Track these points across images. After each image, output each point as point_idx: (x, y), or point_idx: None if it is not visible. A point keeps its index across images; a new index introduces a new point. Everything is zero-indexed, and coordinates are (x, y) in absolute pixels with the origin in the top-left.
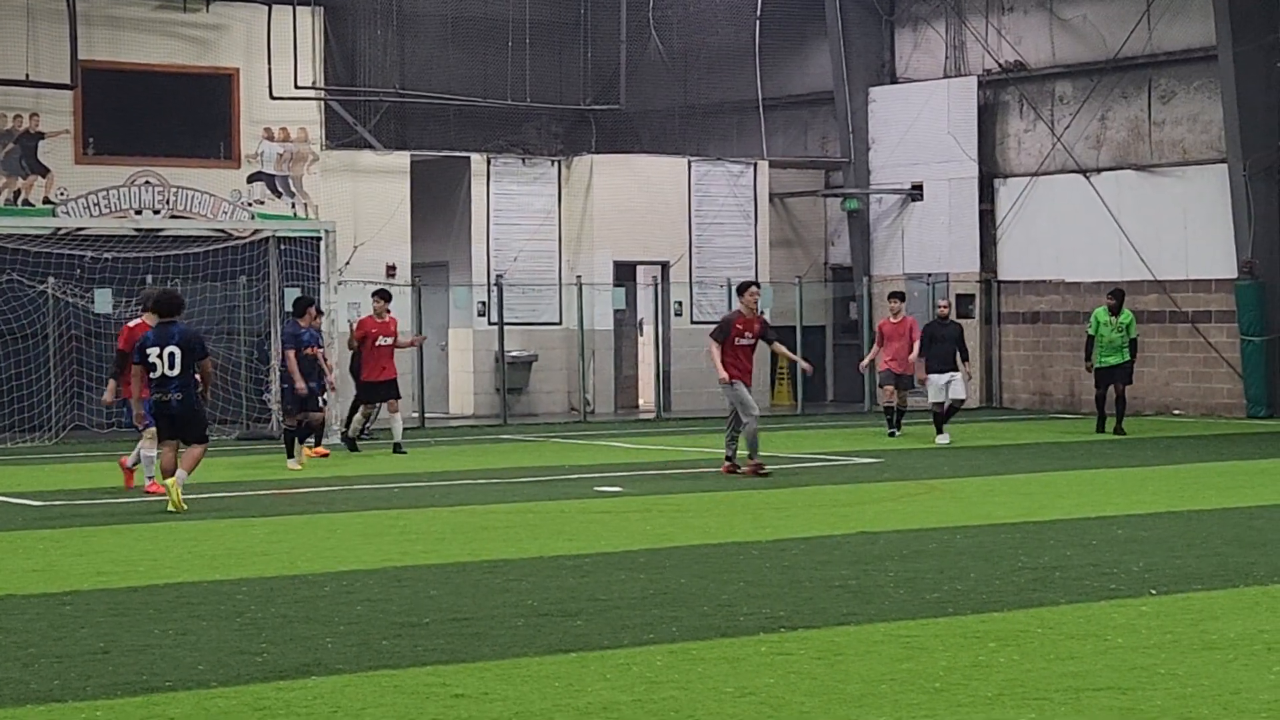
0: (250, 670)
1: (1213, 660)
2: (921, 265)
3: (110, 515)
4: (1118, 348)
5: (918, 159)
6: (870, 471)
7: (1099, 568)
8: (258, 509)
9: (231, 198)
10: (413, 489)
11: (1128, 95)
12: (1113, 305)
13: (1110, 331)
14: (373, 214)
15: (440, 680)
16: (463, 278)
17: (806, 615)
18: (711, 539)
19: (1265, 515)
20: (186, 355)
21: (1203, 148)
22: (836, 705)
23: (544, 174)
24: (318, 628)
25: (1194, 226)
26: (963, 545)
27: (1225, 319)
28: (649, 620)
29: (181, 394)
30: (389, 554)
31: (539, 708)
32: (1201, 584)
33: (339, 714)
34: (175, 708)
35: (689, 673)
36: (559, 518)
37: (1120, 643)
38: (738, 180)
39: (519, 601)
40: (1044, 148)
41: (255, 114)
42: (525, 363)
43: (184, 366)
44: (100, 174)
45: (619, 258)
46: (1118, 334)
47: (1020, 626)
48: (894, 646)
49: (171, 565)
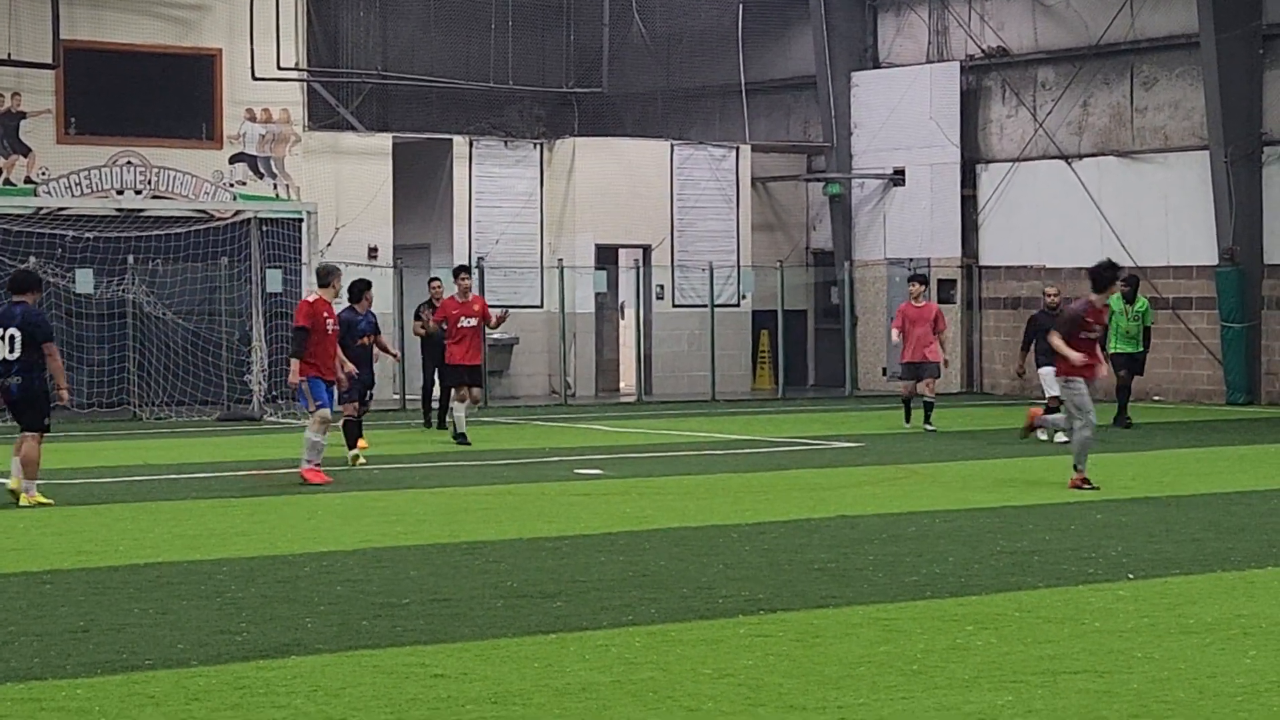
0: (230, 650)
1: (1189, 644)
2: (903, 250)
3: (90, 495)
4: (1133, 336)
5: (900, 144)
6: (850, 455)
7: (1077, 552)
8: (238, 489)
9: (213, 178)
10: (393, 470)
11: (1110, 81)
12: (1126, 292)
13: (1125, 320)
14: (355, 196)
15: (420, 660)
16: (444, 260)
17: (786, 598)
18: (691, 521)
19: (1243, 501)
20: (28, 338)
21: (1184, 134)
22: (815, 687)
23: (526, 156)
24: (298, 608)
25: (1175, 213)
26: (942, 529)
27: (1206, 305)
28: (628, 602)
29: (21, 378)
30: (369, 535)
31: (518, 688)
32: (1179, 569)
33: (318, 693)
34: (155, 686)
35: (668, 654)
36: (539, 500)
37: (1097, 626)
38: (720, 164)
39: (499, 583)
40: (1026, 133)
41: (237, 95)
42: (506, 345)
43: (24, 349)
44: (82, 154)
45: (600, 241)
46: (1133, 322)
47: (998, 610)
48: (872, 629)
49: (152, 545)
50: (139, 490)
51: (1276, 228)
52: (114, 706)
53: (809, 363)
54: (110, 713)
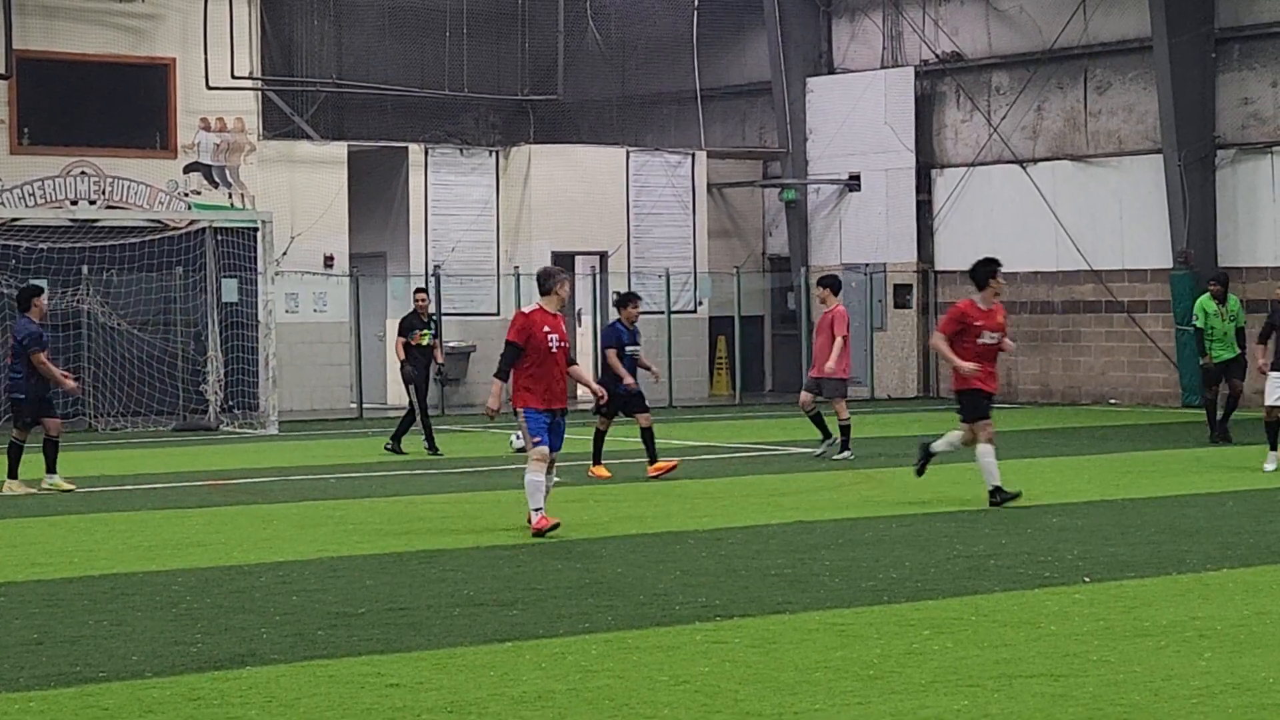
0: (185, 660)
1: (1145, 647)
2: (859, 255)
3: (44, 506)
4: (1230, 340)
5: (855, 149)
6: (807, 461)
7: (1034, 556)
8: (194, 500)
9: (168, 188)
10: (349, 479)
11: (1064, 86)
12: (1217, 291)
13: (1222, 322)
14: (310, 204)
15: (375, 670)
16: (400, 268)
17: (742, 604)
18: (648, 528)
19: (1198, 504)
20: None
21: (1138, 138)
22: (771, 693)
23: (482, 164)
24: (253, 618)
25: (1129, 217)
26: (898, 534)
27: (1161, 309)
28: (584, 609)
29: None
30: (325, 544)
31: (474, 697)
32: (1135, 572)
33: (273, 704)
34: (109, 698)
35: (624, 661)
36: (495, 508)
37: (1053, 630)
38: (676, 170)
39: (455, 591)
40: (981, 138)
41: (191, 104)
42: (463, 353)
43: None
44: (35, 164)
45: (557, 248)
46: (1229, 323)
47: (954, 614)
48: (829, 635)
49: (106, 556)
50: (94, 501)
51: (1230, 231)
52: (68, 719)
53: (766, 368)
54: None
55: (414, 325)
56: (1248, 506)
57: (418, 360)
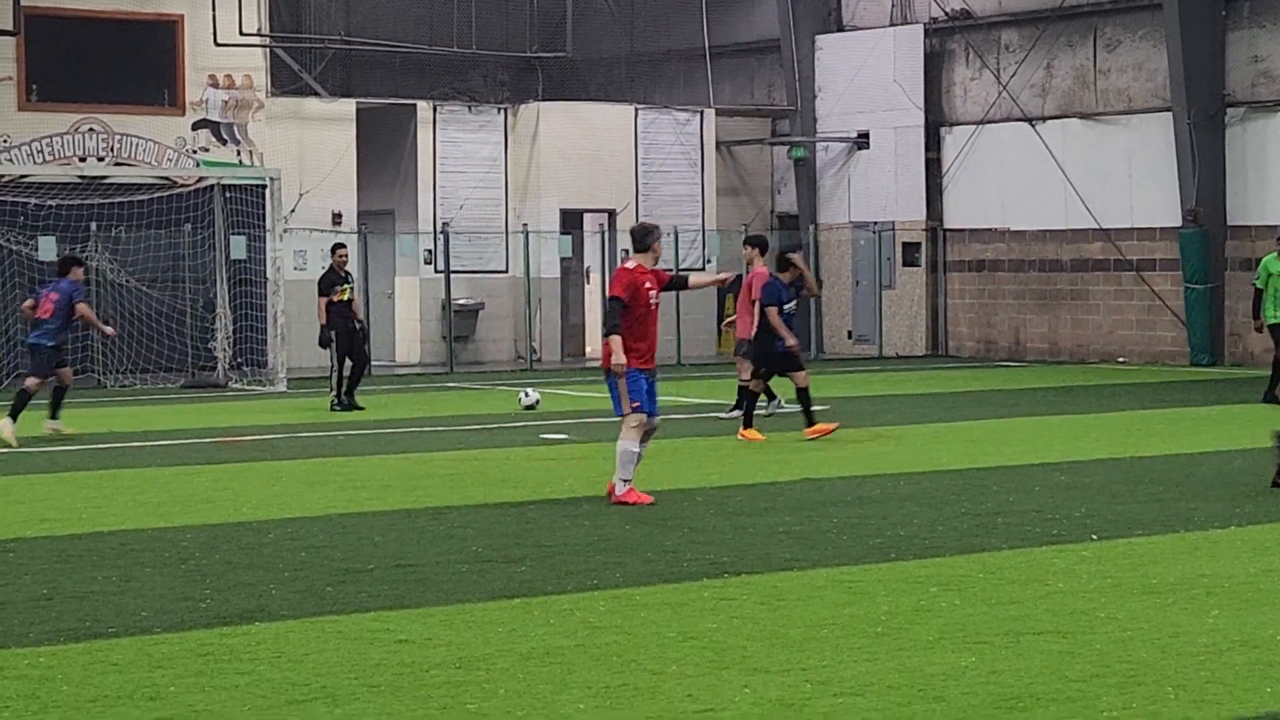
0: (193, 616)
1: (1152, 604)
2: (867, 213)
3: (54, 463)
4: None
5: (864, 107)
6: (816, 418)
7: (1041, 513)
8: (202, 456)
9: (176, 145)
10: (358, 436)
11: (1073, 43)
12: None
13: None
14: (318, 162)
15: (384, 626)
16: (409, 226)
17: (750, 561)
18: (657, 485)
19: (1206, 462)
20: None
21: (1148, 96)
22: (779, 649)
23: (490, 121)
24: (261, 574)
25: (1139, 175)
26: (906, 491)
27: (1169, 267)
28: (593, 566)
29: None
30: (334, 501)
31: (482, 653)
32: (1143, 529)
33: (282, 659)
34: (118, 653)
35: (632, 618)
36: (504, 465)
37: (1061, 587)
38: (684, 128)
39: (463, 548)
40: (990, 96)
41: (200, 61)
42: (471, 311)
43: None
44: (44, 121)
45: (565, 205)
46: None
47: (962, 571)
48: (836, 591)
49: (115, 513)
50: (103, 458)
51: (1239, 189)
52: (77, 674)
53: None
54: (73, 680)
55: (334, 282)
56: (1257, 465)
57: (339, 317)
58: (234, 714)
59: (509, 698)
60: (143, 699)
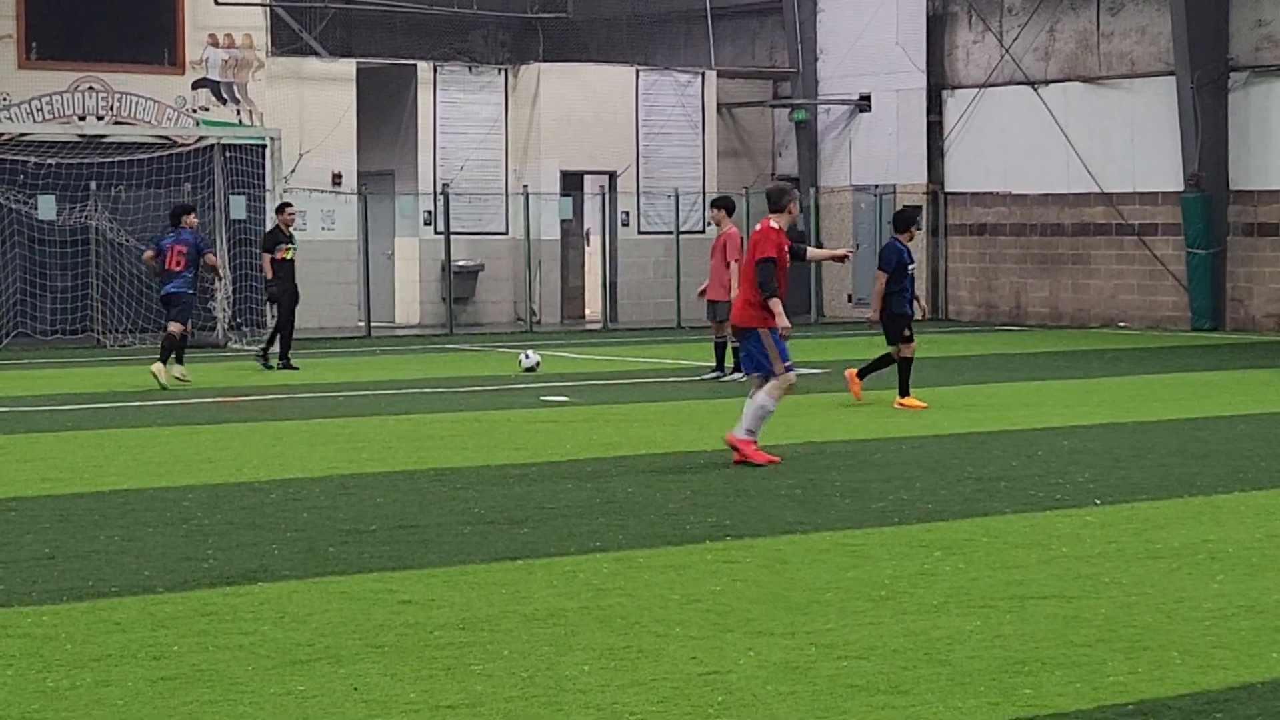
0: (196, 576)
1: (1156, 569)
2: (869, 177)
3: (55, 422)
4: None
5: (866, 70)
6: (816, 382)
7: (1044, 478)
8: (203, 416)
9: (176, 104)
10: (358, 398)
11: (1076, 7)
12: None
13: None
14: (318, 122)
15: (387, 587)
16: (409, 186)
17: (753, 524)
18: (658, 448)
19: (1209, 427)
20: None
21: (1151, 60)
22: (783, 612)
23: (491, 82)
24: (264, 534)
25: (1141, 139)
26: (909, 456)
27: (1171, 231)
28: (595, 528)
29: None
30: (335, 462)
31: (485, 614)
32: (1146, 494)
33: (286, 619)
34: (121, 613)
35: (635, 580)
36: (505, 426)
37: (1065, 552)
38: (685, 90)
39: (466, 509)
40: (992, 59)
41: (200, 20)
42: (471, 272)
43: None
44: (44, 79)
45: (566, 167)
46: None
47: (965, 535)
48: (840, 555)
49: (116, 472)
50: (103, 417)
51: (1242, 154)
52: (80, 633)
53: None
54: (77, 639)
55: (278, 240)
56: (1260, 429)
57: (284, 275)
58: (238, 674)
59: (514, 659)
60: (146, 658)
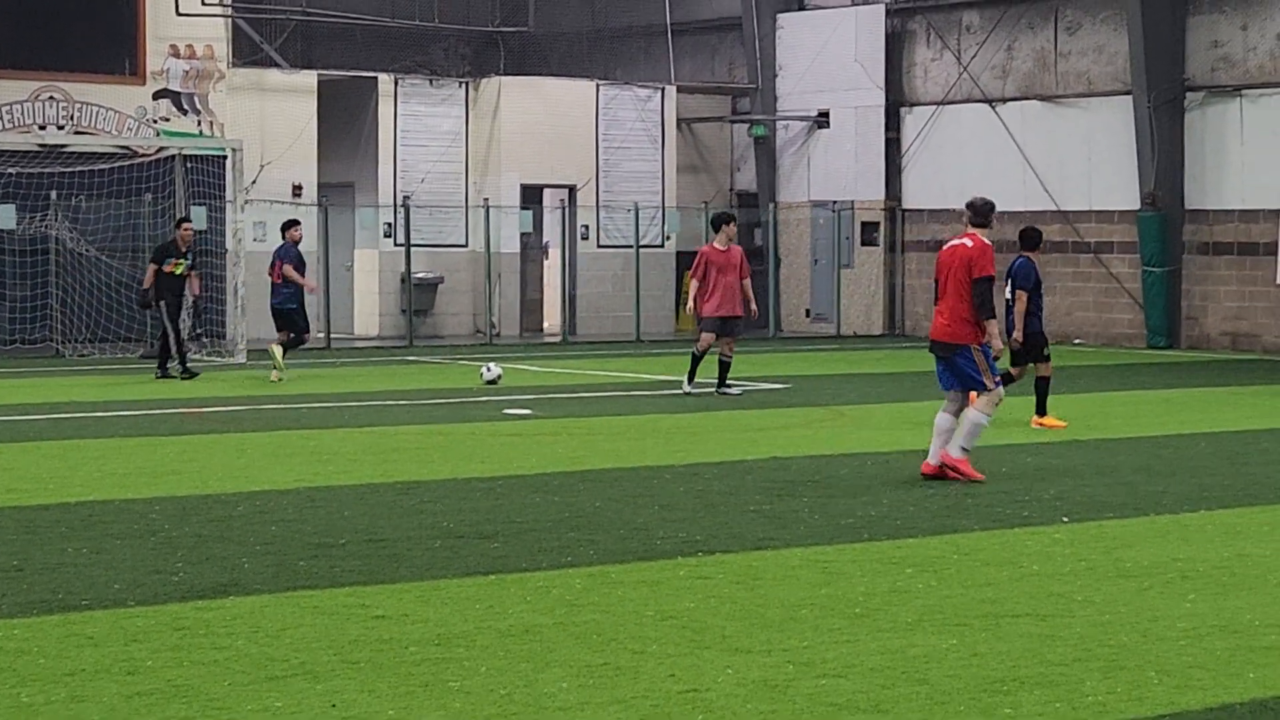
0: (167, 590)
1: (1128, 588)
2: (827, 193)
3: (17, 432)
4: None
5: (825, 86)
6: (779, 396)
7: (1011, 495)
8: (166, 427)
9: (137, 114)
10: (321, 409)
11: (1034, 26)
12: None
13: None
14: (279, 133)
15: (360, 601)
16: (369, 199)
17: (723, 539)
18: (624, 462)
19: (1171, 445)
20: None
21: (1107, 79)
22: (758, 629)
23: (451, 95)
24: (233, 547)
25: (1098, 158)
26: (874, 471)
27: (1127, 250)
28: (566, 543)
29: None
30: (301, 474)
31: (461, 630)
32: (1113, 512)
33: (259, 634)
34: (93, 627)
35: (609, 596)
36: (470, 439)
37: (1036, 570)
38: (645, 105)
39: (435, 523)
40: (950, 77)
41: (161, 30)
42: (431, 284)
43: None
44: (3, 88)
45: (526, 181)
46: None
47: (936, 553)
48: (812, 571)
49: (81, 483)
50: (65, 428)
51: (1197, 173)
52: (53, 647)
53: None
54: (49, 653)
55: (169, 254)
56: (1221, 448)
57: (168, 288)
58: (214, 690)
59: (491, 675)
60: (120, 673)
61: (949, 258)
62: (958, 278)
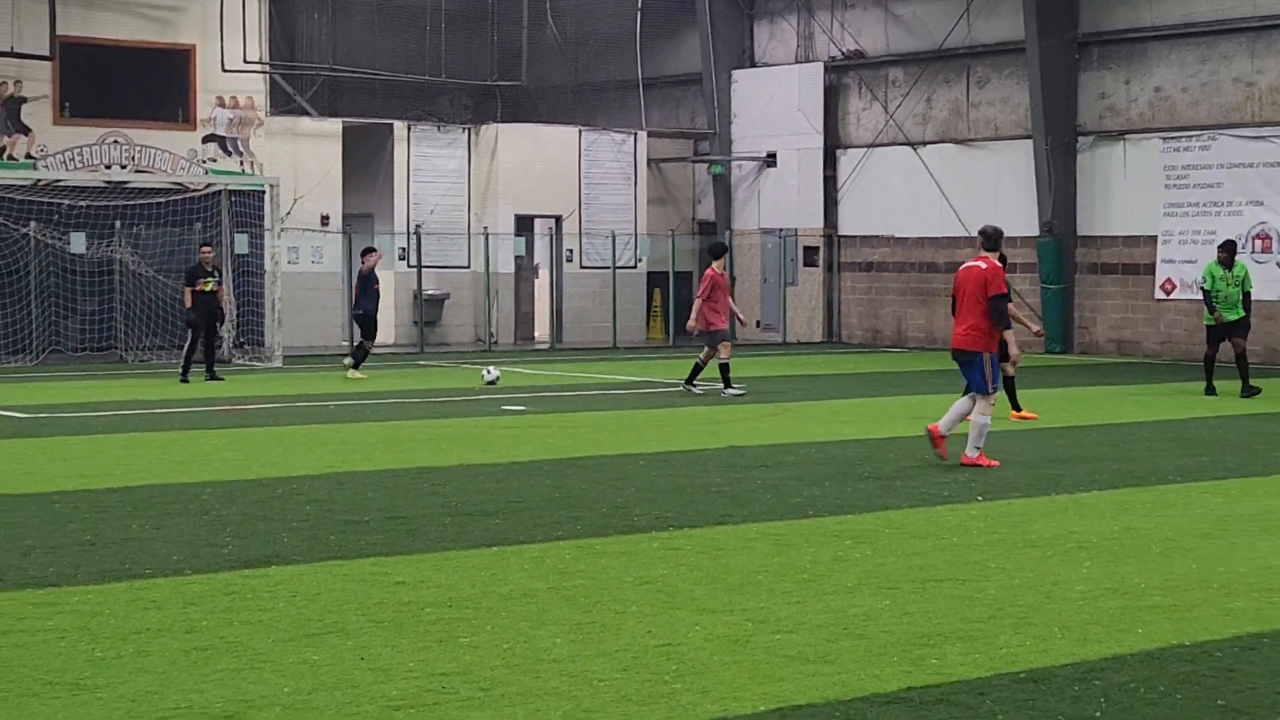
0: (219, 560)
1: (1033, 556)
2: (774, 221)
3: (85, 426)
4: (1234, 304)
5: (772, 132)
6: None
7: (933, 478)
8: (215, 422)
9: (188, 156)
10: (346, 406)
11: (950, 80)
12: (1224, 259)
13: (1227, 286)
14: (310, 171)
15: (382, 570)
16: (386, 227)
17: (690, 516)
18: (605, 451)
19: (1067, 435)
20: None
21: (1012, 126)
22: (722, 592)
23: (456, 139)
24: (274, 524)
25: (1004, 191)
26: (817, 457)
27: (1029, 270)
28: (557, 520)
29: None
30: (331, 461)
31: (469, 593)
32: (1019, 492)
33: (298, 598)
34: (156, 592)
35: (594, 564)
36: (474, 432)
37: (955, 541)
38: (620, 147)
39: (445, 503)
40: (879, 124)
41: (209, 84)
42: (439, 300)
43: None
44: (75, 134)
45: (519, 211)
46: (1234, 288)
47: (871, 527)
48: (766, 543)
49: (143, 470)
50: (128, 422)
51: (1087, 205)
52: (121, 610)
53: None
54: (119, 615)
55: (198, 275)
56: (1109, 438)
57: (202, 304)
58: (260, 645)
59: (495, 633)
60: (180, 632)
61: (965, 278)
62: (974, 295)
